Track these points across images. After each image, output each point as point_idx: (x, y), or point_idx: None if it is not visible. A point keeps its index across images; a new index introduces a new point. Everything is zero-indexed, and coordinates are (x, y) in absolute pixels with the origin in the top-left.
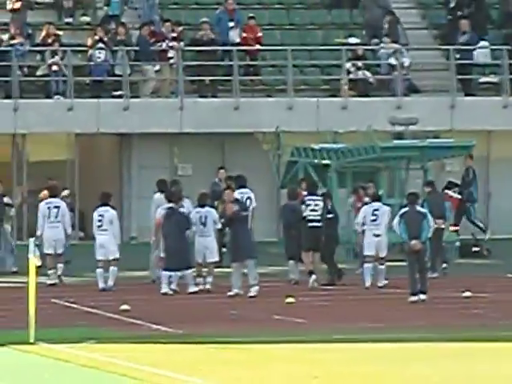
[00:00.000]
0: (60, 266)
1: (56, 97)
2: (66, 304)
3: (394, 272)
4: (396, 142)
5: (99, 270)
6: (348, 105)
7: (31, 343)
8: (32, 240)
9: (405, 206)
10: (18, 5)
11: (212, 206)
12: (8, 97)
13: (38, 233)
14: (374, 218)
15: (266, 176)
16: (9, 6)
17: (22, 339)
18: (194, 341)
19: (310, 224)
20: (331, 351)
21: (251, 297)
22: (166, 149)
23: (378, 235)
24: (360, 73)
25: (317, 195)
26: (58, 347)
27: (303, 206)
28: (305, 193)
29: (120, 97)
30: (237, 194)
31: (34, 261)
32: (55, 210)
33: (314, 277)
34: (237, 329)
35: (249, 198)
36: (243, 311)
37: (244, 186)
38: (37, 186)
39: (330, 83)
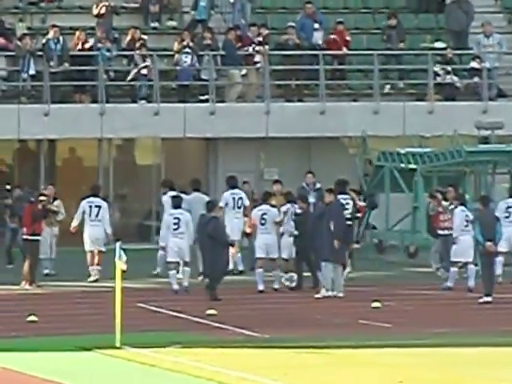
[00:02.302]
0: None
1: (142, 101)
2: (152, 308)
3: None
4: (482, 146)
5: (172, 272)
6: (434, 109)
7: (117, 348)
8: (118, 244)
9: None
10: (103, 9)
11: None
12: (94, 101)
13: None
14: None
15: (352, 180)
16: (94, 11)
17: (108, 344)
18: (279, 345)
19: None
20: (416, 356)
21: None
22: (252, 153)
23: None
24: (448, 77)
25: (347, 193)
26: (143, 352)
27: None
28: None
29: (206, 101)
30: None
31: (120, 265)
32: (96, 209)
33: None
34: (322, 333)
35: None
36: (329, 316)
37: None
38: (123, 190)
39: (417, 87)
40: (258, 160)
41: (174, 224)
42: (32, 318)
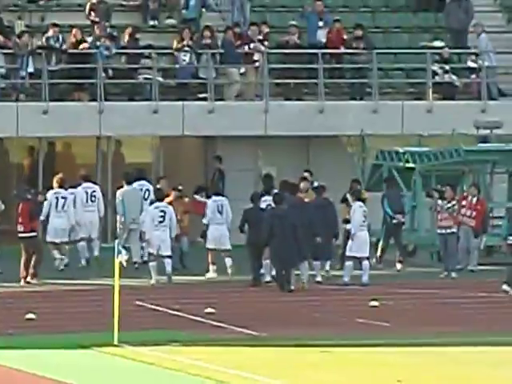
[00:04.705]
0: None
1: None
2: (151, 306)
3: (483, 276)
4: (481, 145)
5: (152, 264)
6: (433, 108)
7: (115, 345)
8: (116, 242)
9: None
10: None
11: None
12: (93, 99)
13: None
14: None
15: (350, 179)
16: (87, 9)
17: (106, 341)
18: (278, 343)
19: None
20: (415, 355)
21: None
22: (250, 151)
23: None
24: (446, 76)
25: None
26: (141, 349)
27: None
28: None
29: (205, 99)
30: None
31: (120, 260)
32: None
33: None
34: (320, 332)
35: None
36: (326, 314)
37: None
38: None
39: (415, 86)
40: (257, 158)
41: (160, 217)
42: (30, 315)
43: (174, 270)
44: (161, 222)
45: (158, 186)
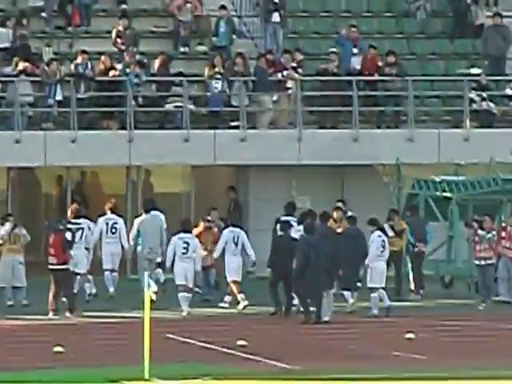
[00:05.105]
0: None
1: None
2: (181, 339)
3: None
4: None
5: (182, 294)
6: (470, 136)
7: (146, 379)
8: (147, 273)
9: None
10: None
11: None
12: (123, 128)
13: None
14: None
15: (386, 209)
16: (113, 35)
17: (137, 375)
18: (312, 377)
19: None
20: None
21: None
22: (283, 181)
23: None
24: (484, 104)
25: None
26: (172, 383)
27: None
28: None
29: (237, 128)
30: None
31: (150, 294)
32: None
33: None
34: (355, 365)
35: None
36: (361, 346)
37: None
38: None
39: (452, 114)
40: (290, 188)
41: (184, 248)
42: (58, 348)
43: (206, 301)
44: (184, 253)
45: (209, 218)
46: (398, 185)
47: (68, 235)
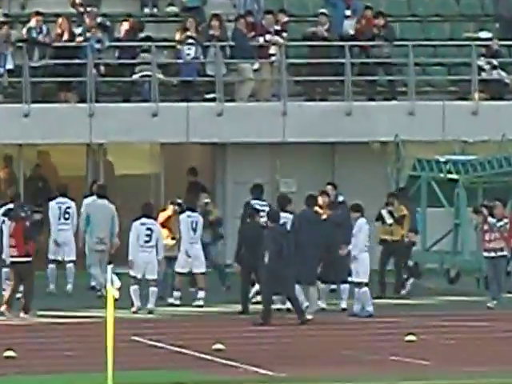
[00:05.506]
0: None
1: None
2: (148, 342)
3: None
4: None
5: (134, 288)
6: (479, 110)
7: None
8: (110, 267)
9: None
10: None
11: None
12: (82, 101)
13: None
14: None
15: (382, 193)
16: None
17: (99, 383)
18: None
19: None
20: None
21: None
22: (266, 161)
23: None
24: (495, 72)
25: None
26: None
27: None
28: None
29: (213, 100)
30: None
31: (112, 291)
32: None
33: None
34: (347, 371)
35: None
36: (354, 350)
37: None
38: (116, 204)
39: (458, 84)
40: (274, 169)
41: (146, 236)
42: (9, 353)
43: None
44: (147, 241)
45: (179, 201)
46: (396, 165)
47: (37, 215)
